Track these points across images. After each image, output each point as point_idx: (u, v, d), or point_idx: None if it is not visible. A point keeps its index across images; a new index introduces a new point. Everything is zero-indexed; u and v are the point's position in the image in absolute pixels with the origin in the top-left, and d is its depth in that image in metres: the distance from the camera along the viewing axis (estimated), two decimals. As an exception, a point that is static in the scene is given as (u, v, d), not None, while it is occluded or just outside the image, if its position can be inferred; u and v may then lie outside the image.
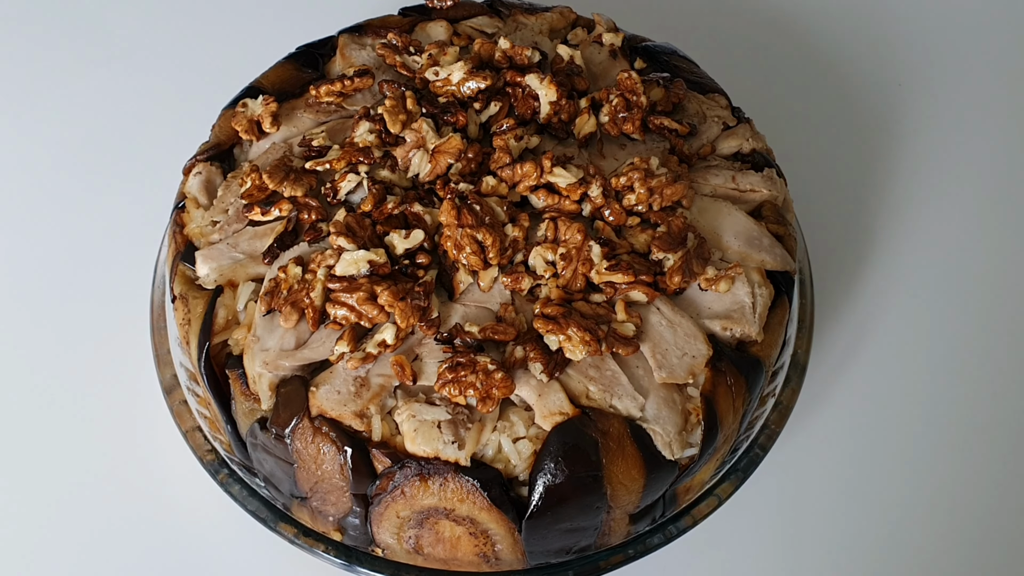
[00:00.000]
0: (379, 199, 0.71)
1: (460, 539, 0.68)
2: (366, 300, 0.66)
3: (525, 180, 0.71)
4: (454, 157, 0.72)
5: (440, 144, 0.73)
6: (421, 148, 0.73)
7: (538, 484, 0.65)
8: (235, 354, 0.70)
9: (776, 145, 0.86)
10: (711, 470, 0.74)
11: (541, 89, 0.76)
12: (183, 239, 0.75)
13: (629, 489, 0.67)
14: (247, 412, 0.69)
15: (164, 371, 0.80)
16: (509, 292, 0.69)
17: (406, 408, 0.65)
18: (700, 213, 0.74)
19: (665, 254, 0.70)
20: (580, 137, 0.76)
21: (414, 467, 0.64)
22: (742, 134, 0.80)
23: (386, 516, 0.67)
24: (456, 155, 0.72)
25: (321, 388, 0.66)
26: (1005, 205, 0.98)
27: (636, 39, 0.86)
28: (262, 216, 0.73)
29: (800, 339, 0.81)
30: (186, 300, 0.72)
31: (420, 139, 0.73)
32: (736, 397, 0.70)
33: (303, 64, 0.83)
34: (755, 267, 0.73)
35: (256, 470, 0.73)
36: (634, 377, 0.67)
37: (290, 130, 0.78)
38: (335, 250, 0.68)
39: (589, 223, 0.72)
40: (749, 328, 0.70)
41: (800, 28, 1.09)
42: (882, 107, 1.04)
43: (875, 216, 0.97)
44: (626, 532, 0.72)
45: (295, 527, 0.73)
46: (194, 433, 0.77)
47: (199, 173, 0.77)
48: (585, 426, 0.65)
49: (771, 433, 0.78)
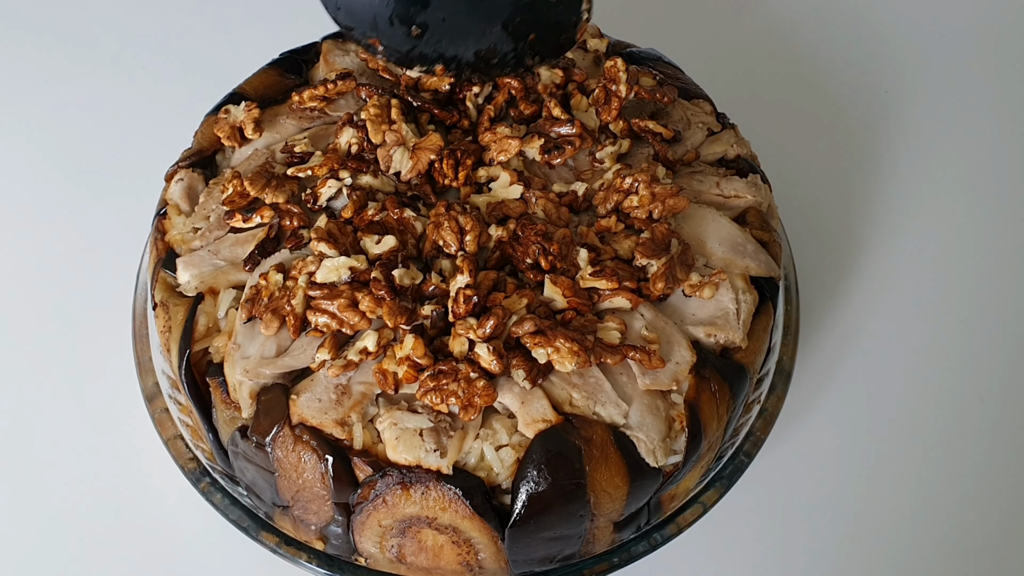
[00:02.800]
0: (360, 205, 0.70)
1: (443, 548, 0.67)
2: (347, 307, 0.66)
3: (503, 143, 0.72)
4: (435, 153, 0.72)
5: (421, 141, 0.72)
6: (401, 146, 0.73)
7: (521, 492, 0.64)
8: (216, 362, 0.69)
9: (763, 151, 0.86)
10: (696, 477, 0.74)
11: (544, 71, 0.77)
12: (164, 246, 0.74)
13: (613, 497, 0.67)
14: (228, 420, 0.69)
15: (146, 379, 0.79)
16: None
17: (388, 416, 0.65)
18: (684, 219, 0.73)
19: (649, 260, 0.69)
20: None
21: (396, 475, 0.64)
22: (727, 140, 0.79)
23: (368, 525, 0.67)
24: (436, 151, 0.72)
25: (302, 396, 0.66)
26: (990, 211, 0.98)
27: (621, 45, 0.86)
28: (243, 223, 0.72)
29: (785, 345, 0.81)
30: (167, 307, 0.72)
31: (400, 138, 0.73)
32: (720, 404, 0.69)
33: (286, 70, 0.83)
34: (739, 273, 0.72)
35: (238, 478, 0.72)
36: (617, 384, 0.67)
37: (273, 136, 0.78)
38: (316, 257, 0.68)
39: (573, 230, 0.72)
40: (733, 334, 0.70)
41: (786, 35, 1.09)
42: (868, 114, 1.04)
43: (861, 222, 0.97)
44: (611, 540, 0.72)
45: (277, 536, 0.73)
46: (176, 441, 0.77)
47: (181, 179, 0.77)
48: (568, 433, 0.65)
49: (756, 440, 0.78)
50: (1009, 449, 0.86)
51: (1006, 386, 0.89)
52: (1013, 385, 0.89)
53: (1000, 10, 1.11)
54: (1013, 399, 0.88)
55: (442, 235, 0.69)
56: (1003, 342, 0.91)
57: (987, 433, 0.87)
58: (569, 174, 0.76)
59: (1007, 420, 0.87)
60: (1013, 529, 0.83)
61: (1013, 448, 0.86)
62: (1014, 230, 0.97)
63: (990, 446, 0.86)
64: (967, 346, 0.91)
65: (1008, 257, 0.96)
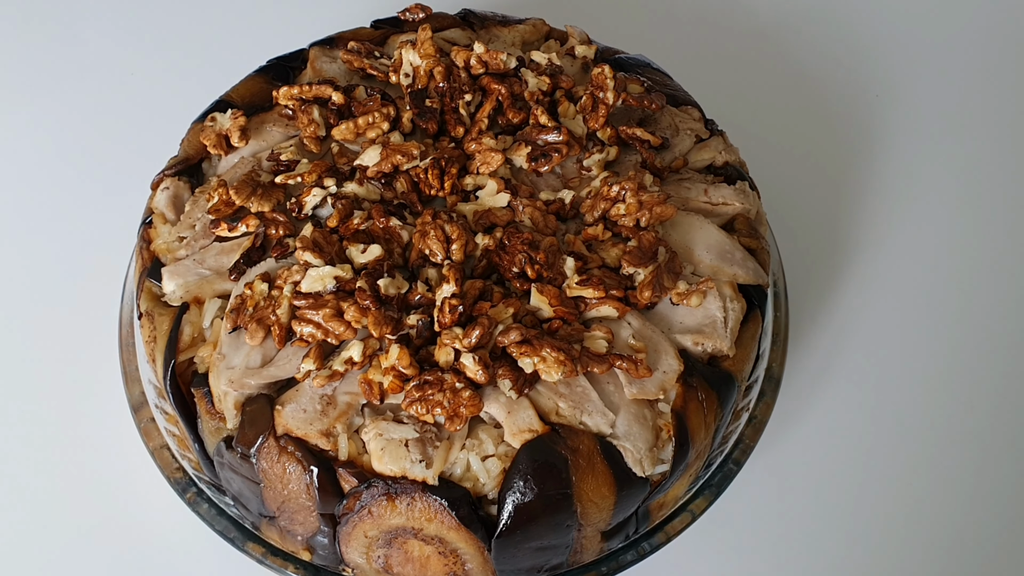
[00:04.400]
0: (345, 214, 0.70)
1: (429, 558, 0.67)
2: (332, 316, 0.65)
3: (487, 155, 0.72)
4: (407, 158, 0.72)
5: (398, 144, 0.72)
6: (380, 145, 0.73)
7: (507, 502, 0.64)
8: (201, 372, 0.69)
9: (752, 157, 0.86)
10: (685, 486, 0.73)
11: (531, 78, 0.77)
12: (150, 255, 0.74)
13: (600, 507, 0.66)
14: (213, 431, 0.68)
15: (133, 388, 0.79)
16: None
17: (373, 427, 0.64)
18: (672, 227, 0.73)
19: (636, 269, 0.69)
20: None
21: (381, 486, 0.64)
22: (715, 147, 0.79)
23: (354, 536, 0.67)
24: (409, 157, 0.72)
25: (287, 407, 0.65)
26: (980, 216, 0.98)
27: (609, 51, 0.86)
28: (229, 232, 0.72)
29: (775, 353, 0.81)
30: (152, 317, 0.71)
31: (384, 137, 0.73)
32: (708, 412, 0.69)
33: (274, 77, 0.82)
34: (727, 281, 0.72)
35: (225, 489, 0.72)
36: (604, 393, 0.67)
37: (259, 144, 0.77)
38: (301, 266, 0.68)
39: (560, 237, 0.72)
40: (721, 342, 0.70)
41: (775, 40, 1.09)
42: (858, 119, 1.04)
43: (851, 229, 0.97)
44: (599, 549, 0.71)
45: (264, 547, 0.72)
46: (162, 451, 0.76)
47: (167, 188, 0.76)
48: (555, 443, 0.64)
49: (745, 448, 0.77)
50: (999, 457, 0.86)
51: (995, 392, 0.89)
52: (1002, 391, 0.89)
53: (991, 16, 1.11)
54: (1003, 406, 0.88)
55: (428, 244, 0.68)
56: (992, 349, 0.91)
57: (977, 440, 0.87)
58: (557, 182, 0.76)
59: (997, 427, 0.87)
60: (1006, 539, 0.83)
61: (1003, 456, 0.86)
62: (1003, 236, 0.97)
63: (981, 453, 0.86)
64: (957, 353, 0.90)
65: (997, 264, 0.95)
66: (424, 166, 0.73)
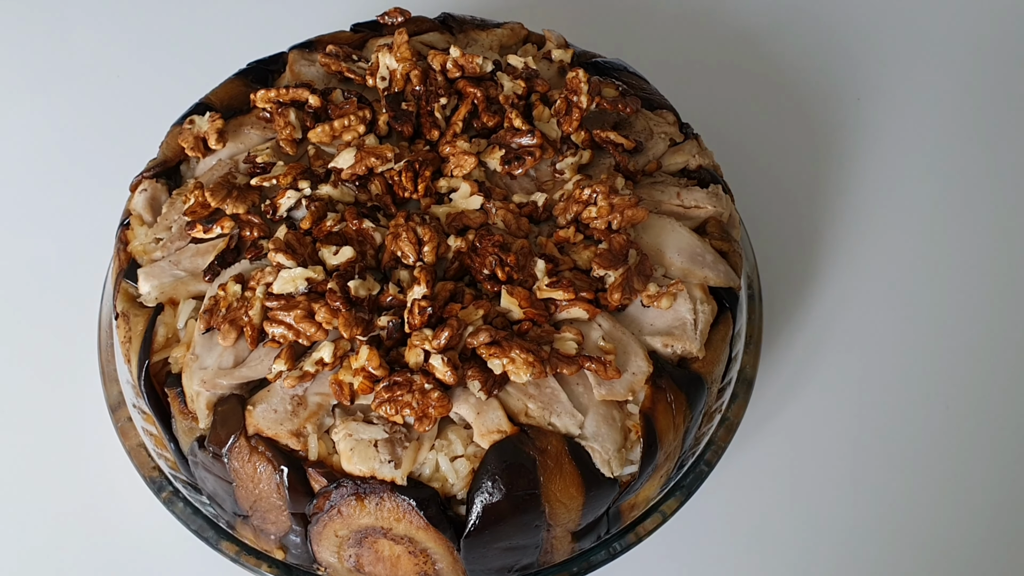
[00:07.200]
0: (318, 216, 0.71)
1: (400, 558, 0.68)
2: (304, 318, 0.66)
3: (461, 158, 0.73)
4: (381, 161, 0.73)
5: (372, 147, 0.73)
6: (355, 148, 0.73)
7: (476, 503, 0.65)
8: (175, 372, 0.69)
9: (731, 161, 0.87)
10: (656, 487, 0.74)
11: (506, 82, 0.77)
12: (127, 256, 0.74)
13: (568, 507, 0.67)
14: (186, 430, 0.69)
15: (111, 388, 0.79)
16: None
17: (343, 427, 0.65)
18: (644, 230, 0.74)
19: (606, 271, 0.70)
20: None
21: (350, 486, 0.64)
22: (689, 150, 0.80)
23: (324, 535, 0.67)
24: (383, 160, 0.73)
25: (258, 407, 0.66)
26: (958, 221, 0.99)
27: (586, 55, 0.86)
28: (204, 233, 0.72)
29: (748, 355, 0.81)
30: (128, 318, 0.72)
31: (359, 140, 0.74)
32: (677, 414, 0.70)
33: (253, 80, 0.83)
34: (698, 283, 0.73)
35: (201, 488, 0.72)
36: (573, 394, 0.67)
37: (237, 147, 0.78)
38: (274, 268, 0.68)
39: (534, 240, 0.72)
40: (690, 344, 0.70)
41: (756, 43, 1.10)
42: (840, 122, 1.04)
43: (827, 232, 0.97)
44: (570, 550, 0.72)
45: (237, 546, 0.73)
46: (139, 450, 0.77)
47: (144, 190, 0.77)
48: (523, 444, 0.65)
49: (718, 449, 0.78)
50: (975, 458, 0.86)
51: (971, 395, 0.89)
52: (978, 394, 0.89)
53: (974, 19, 1.11)
54: (978, 408, 0.89)
55: (400, 246, 0.69)
56: (968, 352, 0.91)
57: (952, 442, 0.87)
58: (530, 184, 0.76)
59: (972, 429, 0.88)
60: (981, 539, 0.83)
61: (978, 457, 0.86)
62: (983, 241, 0.97)
63: (956, 454, 0.86)
64: (932, 355, 0.91)
65: (976, 269, 0.96)
66: (398, 169, 0.74)
